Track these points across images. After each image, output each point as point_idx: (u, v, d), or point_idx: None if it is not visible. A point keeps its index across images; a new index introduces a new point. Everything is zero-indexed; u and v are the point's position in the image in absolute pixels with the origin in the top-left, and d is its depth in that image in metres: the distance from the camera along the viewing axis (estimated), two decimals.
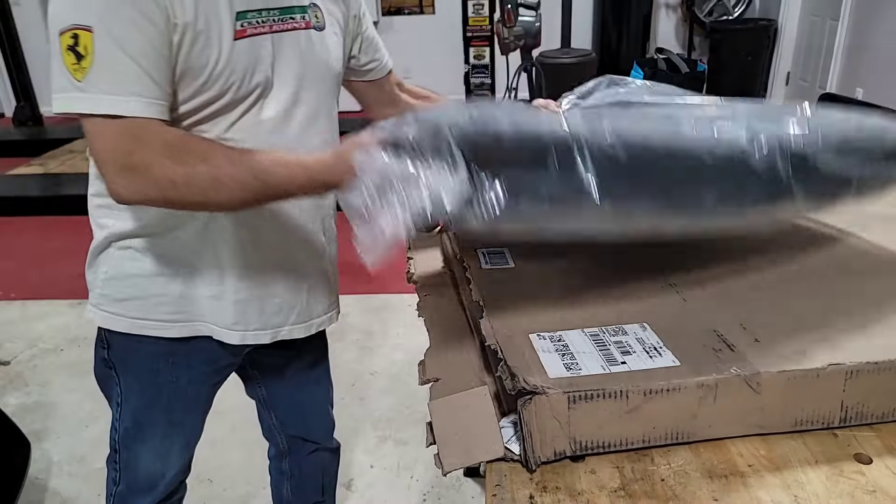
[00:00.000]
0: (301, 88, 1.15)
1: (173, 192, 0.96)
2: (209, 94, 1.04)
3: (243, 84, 1.06)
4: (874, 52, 5.22)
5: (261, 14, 1.07)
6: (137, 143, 0.95)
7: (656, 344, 0.89)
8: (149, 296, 1.19)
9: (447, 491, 2.26)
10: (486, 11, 4.74)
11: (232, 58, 1.03)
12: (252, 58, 1.06)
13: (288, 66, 1.12)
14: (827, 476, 0.78)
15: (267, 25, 1.08)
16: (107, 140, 0.95)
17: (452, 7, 5.53)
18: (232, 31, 1.03)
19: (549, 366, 0.84)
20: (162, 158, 0.95)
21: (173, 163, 0.95)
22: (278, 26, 1.10)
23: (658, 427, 0.82)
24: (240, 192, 0.98)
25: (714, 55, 6.52)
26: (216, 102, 1.06)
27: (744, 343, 0.88)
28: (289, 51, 1.12)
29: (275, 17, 1.09)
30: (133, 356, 1.26)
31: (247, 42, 1.05)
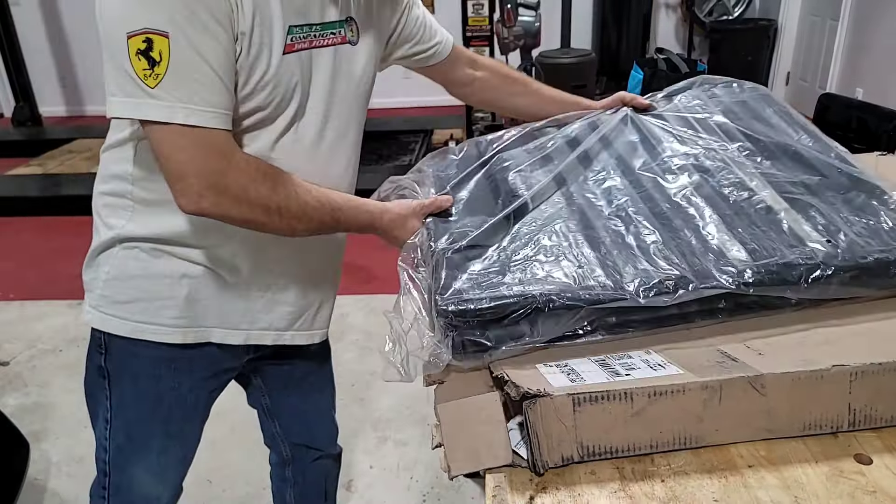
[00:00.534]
0: (331, 106, 1.14)
1: (264, 217, 1.02)
2: (250, 105, 1.03)
3: (284, 99, 1.05)
4: (874, 52, 5.22)
5: (304, 30, 1.06)
6: (228, 163, 0.97)
7: (661, 362, 0.89)
8: (153, 298, 1.15)
9: (447, 491, 2.25)
10: (485, 11, 4.73)
11: (279, 71, 1.02)
12: (296, 73, 1.05)
13: (321, 83, 1.11)
14: (827, 476, 0.78)
15: (308, 41, 1.07)
16: (189, 152, 0.95)
17: (452, 7, 5.52)
18: (282, 45, 1.02)
19: (554, 381, 0.84)
20: (257, 184, 0.99)
21: (269, 190, 1.00)
22: (318, 42, 1.09)
23: (665, 432, 0.82)
24: (317, 225, 1.08)
25: (714, 55, 6.52)
26: (255, 114, 1.04)
27: (748, 357, 0.88)
28: (323, 67, 1.11)
29: (317, 32, 1.08)
30: (133, 361, 1.20)
31: (294, 57, 1.04)
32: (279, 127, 1.08)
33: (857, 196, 1.09)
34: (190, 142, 0.94)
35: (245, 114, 1.04)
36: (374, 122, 6.71)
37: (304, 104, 1.09)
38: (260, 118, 1.05)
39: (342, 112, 1.17)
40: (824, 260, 0.95)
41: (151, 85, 0.91)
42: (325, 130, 1.14)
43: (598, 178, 1.20)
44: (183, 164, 0.95)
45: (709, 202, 1.09)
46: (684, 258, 0.97)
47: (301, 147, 1.11)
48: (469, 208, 1.16)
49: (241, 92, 1.01)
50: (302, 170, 1.09)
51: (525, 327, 0.92)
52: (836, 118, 3.26)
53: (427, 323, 0.95)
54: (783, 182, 1.13)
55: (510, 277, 0.96)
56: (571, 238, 1.03)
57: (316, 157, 1.14)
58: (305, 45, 1.06)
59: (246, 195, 0.99)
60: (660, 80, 3.89)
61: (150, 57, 0.90)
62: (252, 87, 1.01)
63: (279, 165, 1.06)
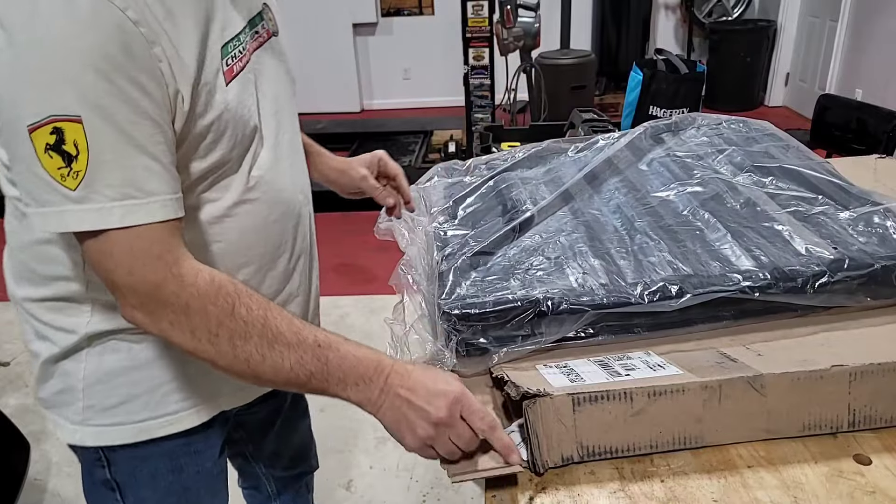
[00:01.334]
0: (280, 116, 0.98)
1: (210, 349, 0.79)
2: (208, 163, 0.86)
3: (244, 137, 0.89)
4: (873, 53, 5.23)
5: (240, 38, 0.87)
6: (168, 272, 0.77)
7: (660, 362, 0.89)
8: (153, 388, 0.96)
9: (446, 492, 2.26)
10: (485, 12, 4.72)
11: (228, 109, 0.84)
12: (245, 100, 0.88)
13: (265, 92, 0.94)
14: (826, 477, 0.78)
15: (242, 55, 0.88)
16: (117, 259, 0.76)
17: (452, 8, 5.52)
18: (223, 75, 0.83)
19: (554, 381, 0.84)
20: (205, 302, 0.78)
21: (223, 313, 0.79)
22: (252, 46, 0.91)
23: (664, 432, 0.82)
24: (289, 369, 0.81)
25: (713, 56, 6.53)
26: (215, 172, 0.88)
27: (747, 357, 0.88)
28: (265, 73, 0.94)
29: (248, 35, 0.91)
30: (146, 464, 1.01)
31: (237, 83, 0.86)
32: (247, 163, 0.92)
33: (863, 206, 1.09)
34: (121, 247, 0.75)
35: (201, 176, 0.86)
36: (374, 122, 6.74)
37: (260, 131, 0.93)
38: (220, 173, 0.89)
39: (288, 116, 1.02)
40: (831, 266, 0.95)
41: (72, 187, 0.71)
42: (281, 139, 0.98)
43: (605, 195, 1.20)
44: (115, 275, 0.77)
45: (715, 215, 1.09)
46: (690, 265, 0.97)
47: (266, 177, 0.95)
48: (475, 221, 1.16)
49: (195, 156, 0.84)
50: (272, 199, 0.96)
51: (528, 331, 0.92)
52: (836, 119, 3.26)
53: (429, 328, 0.95)
54: (789, 197, 1.13)
55: (514, 282, 0.96)
56: (577, 248, 1.04)
57: (283, 170, 0.99)
58: (244, 61, 0.88)
59: (188, 316, 0.78)
60: (659, 81, 3.89)
61: (64, 151, 0.70)
62: (208, 145, 0.84)
63: (251, 213, 0.91)
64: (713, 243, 1.03)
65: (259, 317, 0.79)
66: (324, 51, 6.72)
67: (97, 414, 0.96)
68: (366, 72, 7.20)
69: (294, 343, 0.80)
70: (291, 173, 1.02)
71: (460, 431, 0.80)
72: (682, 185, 1.20)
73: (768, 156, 1.28)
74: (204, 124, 0.82)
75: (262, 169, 0.94)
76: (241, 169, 0.91)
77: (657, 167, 1.28)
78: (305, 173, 1.10)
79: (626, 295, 0.92)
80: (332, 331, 0.85)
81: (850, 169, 1.30)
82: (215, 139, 0.84)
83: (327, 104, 6.89)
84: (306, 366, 0.80)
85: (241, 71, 0.86)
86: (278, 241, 1.00)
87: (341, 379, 0.81)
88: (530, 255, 1.04)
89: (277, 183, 0.97)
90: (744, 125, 1.42)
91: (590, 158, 1.32)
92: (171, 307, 0.78)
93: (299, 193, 1.05)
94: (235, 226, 0.92)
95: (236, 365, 0.80)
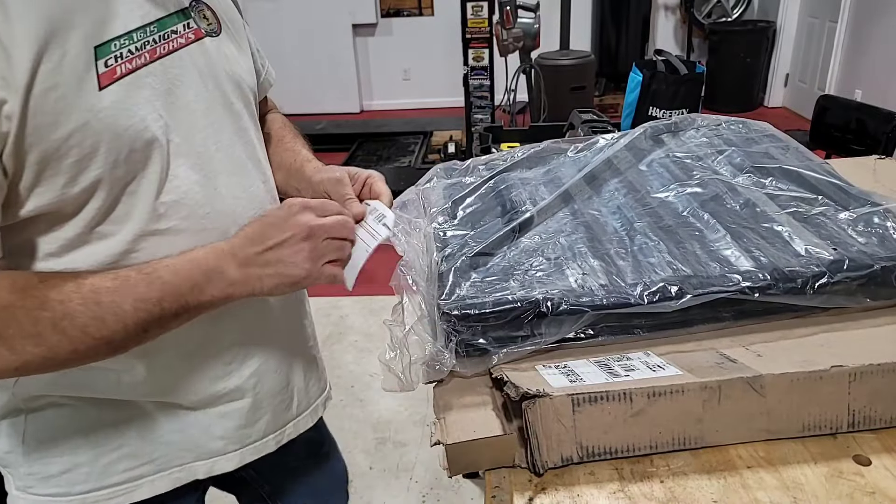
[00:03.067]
0: (213, 128, 0.86)
1: (44, 354, 0.71)
2: (87, 181, 0.74)
3: (133, 152, 0.76)
4: (873, 54, 5.23)
5: (133, 37, 0.76)
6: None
7: (660, 363, 0.89)
8: (97, 455, 0.88)
9: (446, 492, 2.26)
10: (485, 13, 4.73)
11: (100, 118, 0.72)
12: (129, 110, 0.75)
13: (188, 102, 0.83)
14: (826, 477, 0.78)
15: (146, 53, 0.77)
16: None
17: (451, 9, 5.53)
18: (94, 77, 0.72)
19: (554, 382, 0.84)
20: (13, 311, 0.70)
21: (34, 310, 0.70)
22: (162, 48, 0.80)
23: (664, 432, 0.82)
24: (123, 324, 0.74)
25: (713, 57, 6.54)
26: (95, 193, 0.76)
27: (747, 358, 0.88)
28: (186, 78, 0.83)
29: (154, 35, 0.79)
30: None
31: (118, 89, 0.74)
32: (146, 194, 0.79)
33: (863, 207, 1.09)
34: None
35: (78, 205, 0.75)
36: (373, 123, 6.75)
37: (165, 145, 0.80)
38: (107, 201, 0.77)
39: (230, 131, 0.89)
40: (830, 267, 0.95)
41: None
42: (212, 163, 0.86)
43: (604, 196, 1.20)
44: None
45: (714, 216, 1.09)
46: (690, 265, 0.97)
47: (186, 201, 0.83)
48: (474, 221, 1.16)
49: (57, 181, 0.73)
50: (199, 228, 0.84)
51: (528, 331, 0.92)
52: (835, 120, 3.27)
53: (429, 329, 0.95)
54: (789, 198, 1.13)
55: (513, 283, 0.96)
56: (576, 249, 1.04)
57: (216, 202, 0.86)
58: (142, 61, 0.77)
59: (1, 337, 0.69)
60: (659, 82, 3.88)
61: None
62: (74, 164, 0.72)
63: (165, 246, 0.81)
64: (713, 244, 1.03)
65: (71, 287, 0.72)
66: (323, 51, 6.72)
67: (38, 482, 0.89)
68: (365, 72, 7.21)
69: (119, 287, 0.73)
70: (235, 195, 0.89)
71: (327, 226, 0.82)
72: (681, 185, 1.20)
73: (768, 157, 1.28)
74: (57, 137, 0.70)
75: (178, 192, 0.82)
76: (141, 193, 0.79)
77: (657, 168, 1.28)
78: (267, 194, 0.97)
79: (626, 296, 0.92)
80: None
81: (850, 170, 1.30)
82: (84, 156, 0.73)
83: (327, 105, 6.90)
84: (148, 296, 0.74)
85: (129, 73, 0.75)
86: None
87: (193, 285, 0.77)
88: (530, 255, 1.03)
89: (208, 207, 0.85)
90: (743, 126, 1.42)
91: (589, 159, 1.31)
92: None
93: (248, 217, 0.89)
94: (142, 262, 0.80)
95: (79, 346, 0.72)
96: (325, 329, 3.05)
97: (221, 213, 0.87)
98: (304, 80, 6.82)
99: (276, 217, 0.81)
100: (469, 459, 0.84)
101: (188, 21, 0.84)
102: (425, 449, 2.42)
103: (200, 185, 0.84)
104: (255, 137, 0.96)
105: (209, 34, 0.87)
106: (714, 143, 1.36)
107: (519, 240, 1.08)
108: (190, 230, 0.84)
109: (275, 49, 6.59)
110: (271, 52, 1.07)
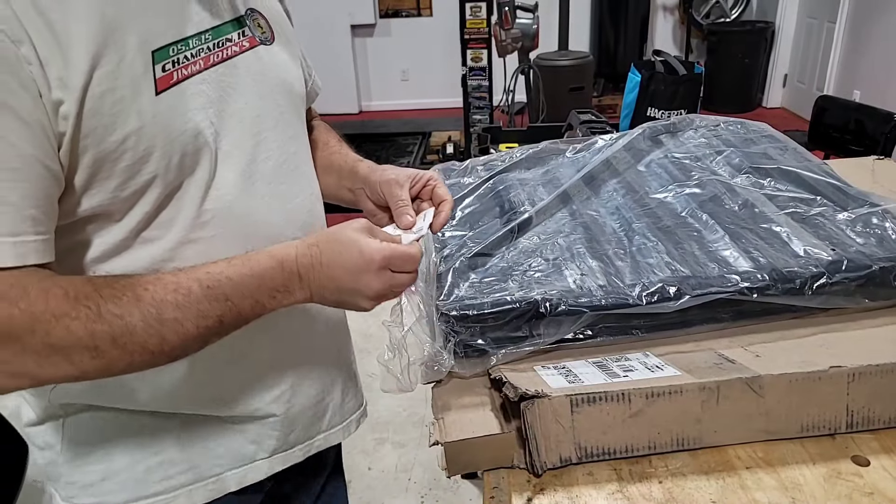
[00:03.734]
0: (262, 136, 0.86)
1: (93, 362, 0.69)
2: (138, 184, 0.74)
3: (184, 158, 0.76)
4: (871, 55, 5.24)
5: (189, 44, 0.77)
6: (15, 308, 0.65)
7: (658, 363, 0.89)
8: (135, 461, 0.87)
9: (445, 493, 2.25)
10: (483, 14, 4.73)
11: (156, 122, 0.72)
12: (184, 115, 0.75)
13: (238, 109, 0.83)
14: (824, 478, 0.78)
15: (201, 60, 0.78)
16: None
17: (450, 9, 5.54)
18: (152, 81, 0.73)
19: (552, 382, 0.84)
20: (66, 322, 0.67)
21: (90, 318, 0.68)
22: (216, 56, 0.80)
23: (663, 433, 0.82)
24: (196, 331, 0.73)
25: (711, 57, 6.54)
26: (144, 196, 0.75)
27: (745, 358, 0.88)
28: (240, 85, 0.83)
29: (209, 43, 0.79)
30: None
31: (174, 93, 0.75)
32: (192, 200, 0.79)
33: (861, 208, 1.09)
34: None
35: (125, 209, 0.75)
36: (372, 124, 6.75)
37: (216, 150, 0.80)
38: (155, 205, 0.77)
39: (279, 138, 0.89)
40: (829, 267, 0.95)
41: None
42: (257, 166, 0.85)
43: (603, 197, 1.20)
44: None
45: (713, 217, 1.09)
46: (688, 266, 0.97)
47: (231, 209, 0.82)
48: (473, 222, 1.16)
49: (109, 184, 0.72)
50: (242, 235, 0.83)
51: (526, 332, 0.92)
52: (834, 120, 3.27)
53: (427, 330, 0.95)
54: (787, 199, 1.13)
55: (512, 284, 0.96)
56: (575, 250, 1.04)
57: (255, 210, 0.85)
58: (196, 68, 0.77)
59: (55, 347, 0.67)
60: (657, 83, 3.89)
61: None
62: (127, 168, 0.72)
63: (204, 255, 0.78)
64: (711, 245, 1.03)
65: (130, 300, 0.69)
66: (322, 52, 6.72)
67: (79, 491, 0.88)
68: (364, 73, 7.21)
69: (182, 303, 0.71)
70: (279, 204, 0.88)
71: (401, 280, 0.81)
72: (680, 186, 1.20)
73: (766, 157, 1.28)
74: (113, 140, 0.70)
75: (222, 200, 0.81)
76: (187, 199, 0.79)
77: (655, 168, 1.28)
78: (312, 208, 0.95)
79: (625, 296, 0.92)
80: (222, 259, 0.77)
81: (848, 170, 1.30)
82: (137, 159, 0.72)
83: (325, 105, 6.84)
84: (210, 314, 0.73)
85: (186, 79, 0.76)
86: None
87: (254, 303, 0.76)
88: (528, 256, 1.03)
89: (251, 216, 0.84)
90: (742, 126, 1.42)
91: (588, 160, 1.31)
92: (31, 346, 0.66)
93: (294, 229, 0.89)
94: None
95: (137, 359, 0.71)
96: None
97: (264, 223, 0.86)
98: None
99: (353, 265, 0.78)
100: (468, 459, 0.84)
101: (243, 29, 0.85)
102: (424, 449, 2.42)
103: (246, 193, 0.84)
104: (303, 147, 0.96)
105: (263, 42, 0.88)
106: (712, 143, 1.36)
107: (517, 240, 1.08)
108: (230, 238, 0.82)
109: None
110: None
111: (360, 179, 1.01)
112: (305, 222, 0.92)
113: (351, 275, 0.78)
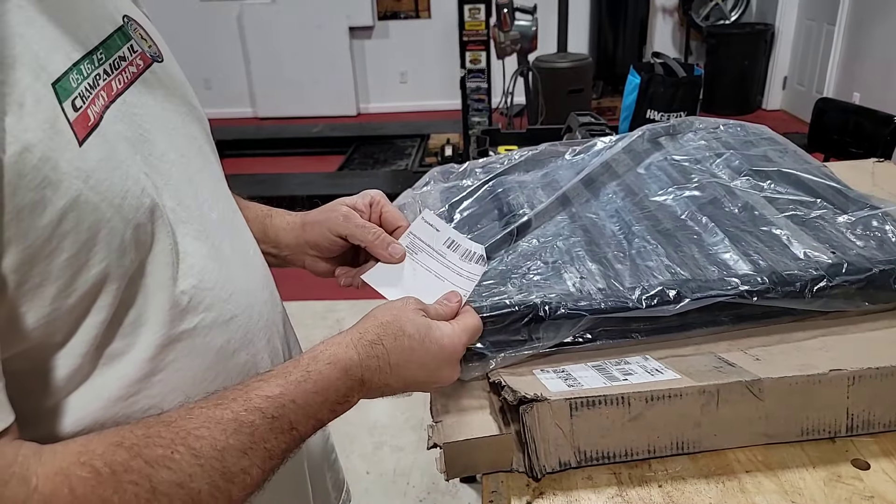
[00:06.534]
0: (195, 183, 0.68)
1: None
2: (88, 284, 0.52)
3: (135, 232, 0.55)
4: (871, 57, 5.24)
5: (82, 70, 0.54)
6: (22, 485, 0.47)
7: (658, 367, 0.88)
8: None
9: (443, 497, 2.25)
10: (482, 16, 4.73)
11: (92, 187, 0.51)
12: (119, 170, 0.55)
13: (163, 152, 0.63)
14: (825, 481, 0.78)
15: (103, 91, 0.56)
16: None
17: (448, 11, 5.55)
18: (68, 127, 0.50)
19: (551, 386, 0.84)
20: (102, 485, 0.49)
21: (141, 500, 0.50)
22: (118, 82, 0.59)
23: (662, 436, 0.82)
24: (260, 465, 0.58)
25: (711, 59, 6.55)
26: (98, 300, 0.54)
27: (745, 362, 0.88)
28: (152, 118, 0.63)
29: (105, 65, 0.58)
30: None
31: (98, 141, 0.53)
32: (161, 284, 0.59)
33: (861, 210, 1.09)
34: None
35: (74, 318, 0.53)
36: (371, 126, 6.75)
37: (164, 215, 0.60)
38: (115, 308, 0.55)
39: (209, 182, 0.71)
40: (829, 270, 0.94)
41: None
42: (211, 232, 0.67)
43: (602, 200, 1.20)
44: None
45: (712, 219, 1.09)
46: (688, 269, 0.97)
47: (206, 284, 0.64)
48: (471, 224, 1.16)
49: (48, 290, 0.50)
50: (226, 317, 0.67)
51: (525, 336, 0.91)
52: (833, 122, 3.27)
53: None
54: (787, 201, 1.13)
55: (511, 287, 0.96)
56: (574, 253, 1.04)
57: (229, 280, 0.68)
58: (102, 102, 0.56)
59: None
60: (656, 85, 3.89)
61: None
62: (68, 262, 0.50)
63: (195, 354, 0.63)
64: (711, 247, 1.02)
65: (188, 461, 0.53)
66: (320, 54, 6.72)
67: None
68: (362, 75, 7.21)
69: (247, 445, 0.56)
70: (242, 263, 0.72)
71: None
72: (679, 189, 1.19)
73: (766, 160, 1.28)
74: (45, 224, 0.48)
75: (194, 273, 0.63)
76: (154, 286, 0.59)
77: (655, 171, 1.28)
78: (263, 260, 0.80)
79: (624, 299, 0.92)
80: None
81: (848, 172, 1.30)
82: (81, 247, 0.51)
83: (323, 108, 6.91)
84: (276, 451, 0.60)
85: (100, 119, 0.54)
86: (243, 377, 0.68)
87: (316, 423, 0.64)
88: (527, 259, 1.03)
89: (228, 286, 0.67)
90: (741, 129, 1.42)
91: (587, 162, 1.31)
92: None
93: (264, 292, 0.75)
94: (173, 382, 0.62)
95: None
96: (321, 332, 3.03)
97: (241, 292, 0.70)
98: (300, 82, 6.83)
99: (433, 360, 0.71)
100: (466, 461, 0.83)
101: (130, 43, 0.64)
102: (422, 453, 2.42)
103: (213, 258, 0.66)
104: (225, 187, 0.78)
105: (154, 59, 0.67)
106: (712, 146, 1.35)
107: (516, 243, 1.08)
108: (217, 323, 0.65)
109: (271, 51, 6.61)
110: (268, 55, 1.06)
111: (291, 241, 0.88)
112: (266, 279, 0.78)
113: (428, 371, 0.72)
